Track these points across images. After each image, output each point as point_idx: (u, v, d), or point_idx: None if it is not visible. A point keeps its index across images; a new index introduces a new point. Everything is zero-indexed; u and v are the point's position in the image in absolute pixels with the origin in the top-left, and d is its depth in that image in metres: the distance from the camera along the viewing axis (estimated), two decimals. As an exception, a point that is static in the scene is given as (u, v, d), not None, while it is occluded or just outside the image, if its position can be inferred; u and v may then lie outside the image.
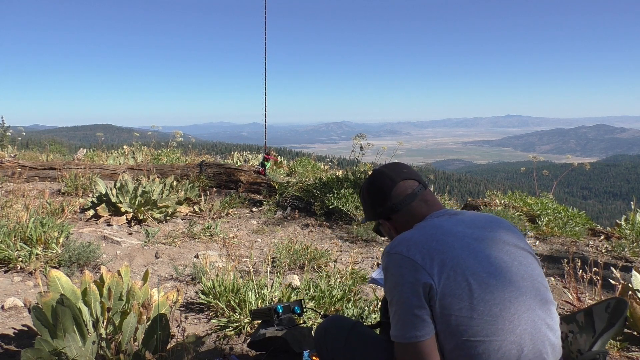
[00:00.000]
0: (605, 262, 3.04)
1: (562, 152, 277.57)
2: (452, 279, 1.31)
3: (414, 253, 1.35)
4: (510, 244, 1.44)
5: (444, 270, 1.31)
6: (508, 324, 1.28)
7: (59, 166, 6.92)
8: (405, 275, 1.34)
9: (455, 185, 66.99)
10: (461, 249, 1.36)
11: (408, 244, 1.39)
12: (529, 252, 1.47)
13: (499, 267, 1.36)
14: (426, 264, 1.32)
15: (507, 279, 1.34)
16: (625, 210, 5.83)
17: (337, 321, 1.80)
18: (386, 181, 1.57)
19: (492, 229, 1.47)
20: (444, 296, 1.30)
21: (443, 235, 1.39)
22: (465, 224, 1.46)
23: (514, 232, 1.50)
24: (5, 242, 3.45)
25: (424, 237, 1.39)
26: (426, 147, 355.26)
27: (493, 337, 1.27)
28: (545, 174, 8.63)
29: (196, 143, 12.81)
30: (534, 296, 1.35)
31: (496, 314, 1.29)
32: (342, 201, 5.51)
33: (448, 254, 1.34)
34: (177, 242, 4.44)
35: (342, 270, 3.43)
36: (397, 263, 1.37)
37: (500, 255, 1.39)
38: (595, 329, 1.49)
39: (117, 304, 2.12)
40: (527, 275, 1.38)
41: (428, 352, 1.30)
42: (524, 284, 1.35)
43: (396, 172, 1.59)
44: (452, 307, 1.29)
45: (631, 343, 2.59)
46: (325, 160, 10.57)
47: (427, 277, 1.31)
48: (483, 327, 1.28)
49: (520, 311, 1.31)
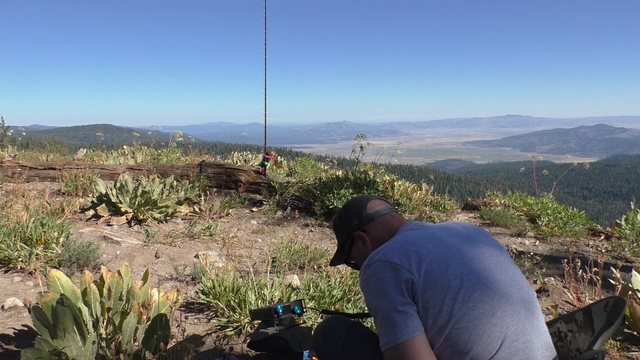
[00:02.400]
0: (605, 262, 3.04)
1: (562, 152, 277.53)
2: (430, 272, 1.37)
3: (392, 256, 1.42)
4: (487, 246, 1.52)
5: (422, 265, 1.38)
6: (488, 307, 1.33)
7: (59, 166, 6.93)
8: (386, 278, 1.39)
9: (455, 185, 66.99)
10: (435, 246, 1.44)
11: (385, 251, 1.46)
12: (506, 255, 1.55)
13: (474, 259, 1.43)
14: (404, 262, 1.39)
15: (482, 268, 1.41)
16: (625, 210, 5.83)
17: (336, 321, 1.80)
18: (361, 200, 1.78)
19: (470, 232, 1.57)
20: (425, 289, 1.35)
21: (416, 239, 1.49)
22: (438, 229, 1.57)
23: (491, 239, 1.60)
24: (5, 242, 3.45)
25: (397, 243, 1.48)
26: (426, 147, 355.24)
27: (476, 322, 1.31)
28: (545, 174, 8.64)
29: (196, 143, 12.82)
30: (509, 282, 1.42)
31: (476, 298, 1.33)
32: (342, 201, 5.51)
33: (423, 250, 1.42)
34: (177, 242, 4.44)
35: (342, 270, 3.43)
36: (377, 270, 1.42)
37: (472, 249, 1.48)
38: (594, 328, 1.49)
39: (117, 304, 2.13)
40: (501, 268, 1.45)
41: (419, 349, 1.30)
42: (498, 272, 1.43)
43: (369, 195, 1.81)
44: (435, 298, 1.34)
45: (631, 343, 2.59)
46: (325, 160, 10.57)
47: (408, 273, 1.37)
48: (465, 313, 1.31)
49: (498, 295, 1.36)
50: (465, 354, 1.30)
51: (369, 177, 6.39)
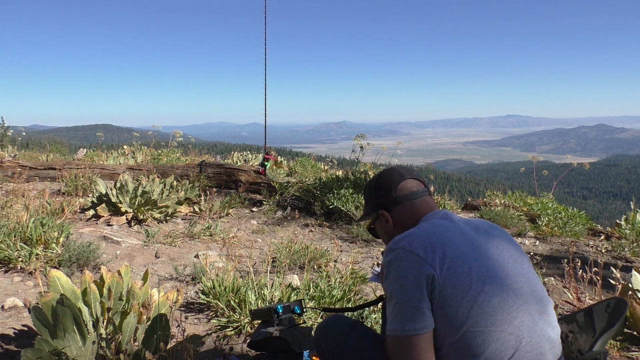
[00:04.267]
0: (605, 262, 3.04)
1: (562, 152, 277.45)
2: (452, 269, 1.35)
3: (416, 247, 1.39)
4: (506, 244, 1.51)
5: (445, 261, 1.36)
6: (507, 315, 1.32)
7: (59, 166, 6.92)
8: (407, 269, 1.36)
9: (455, 185, 66.97)
10: (461, 243, 1.42)
11: (410, 239, 1.42)
12: (522, 253, 1.54)
13: (498, 262, 1.42)
14: (428, 256, 1.36)
15: (505, 273, 1.39)
16: (625, 210, 5.83)
17: (336, 320, 1.80)
18: (396, 175, 1.66)
19: (489, 229, 1.55)
20: (444, 287, 1.33)
21: (444, 231, 1.45)
22: (465, 223, 1.54)
23: (507, 235, 1.59)
24: (5, 242, 3.45)
25: (424, 233, 1.44)
26: (426, 147, 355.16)
27: (492, 328, 1.30)
28: (545, 174, 8.63)
29: (196, 143, 12.82)
30: (530, 292, 1.40)
31: (495, 305, 1.32)
32: (342, 201, 5.51)
33: (449, 246, 1.39)
34: (177, 242, 4.44)
35: (342, 270, 3.43)
36: (399, 257, 1.40)
37: (498, 252, 1.45)
38: (595, 329, 1.49)
39: (117, 304, 2.12)
40: (523, 273, 1.44)
41: (423, 348, 1.31)
42: (521, 280, 1.41)
43: (407, 170, 1.69)
44: (453, 297, 1.32)
45: (631, 343, 2.59)
46: (325, 160, 10.57)
47: (430, 268, 1.34)
48: (482, 318, 1.30)
49: (517, 304, 1.34)
50: (477, 356, 1.30)
51: (369, 177, 6.39)
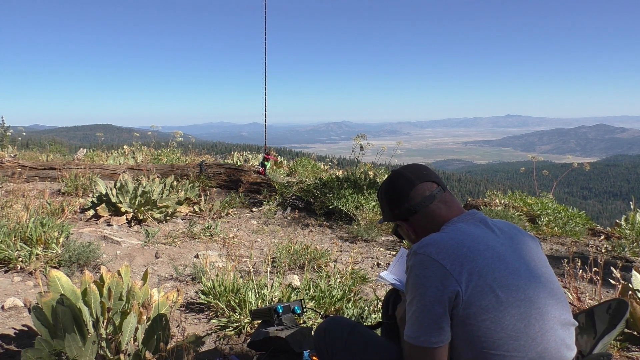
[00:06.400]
0: (605, 262, 3.04)
1: (562, 152, 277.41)
2: (479, 288, 1.28)
3: (443, 257, 1.31)
4: (536, 256, 1.43)
5: (472, 278, 1.28)
6: (531, 341, 1.27)
7: (59, 166, 6.92)
8: (431, 279, 1.30)
9: (455, 185, 66.97)
10: (492, 258, 1.33)
11: (438, 247, 1.34)
12: (547, 262, 1.46)
13: (529, 280, 1.33)
14: (455, 270, 1.29)
15: (535, 295, 1.32)
16: (625, 210, 5.83)
17: (336, 321, 1.80)
18: (404, 183, 1.54)
19: (520, 239, 1.46)
20: (469, 305, 1.27)
21: (474, 243, 1.36)
22: (494, 232, 1.43)
23: (535, 242, 1.50)
24: (5, 242, 3.45)
25: (454, 243, 1.35)
26: (426, 147, 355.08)
27: (514, 353, 1.26)
28: (545, 174, 8.63)
29: (196, 143, 12.81)
30: (558, 315, 1.34)
31: (520, 329, 1.27)
32: (342, 201, 5.51)
33: (478, 262, 1.31)
34: (177, 242, 4.44)
35: (342, 270, 3.43)
36: (424, 264, 1.33)
37: (529, 268, 1.37)
38: (596, 330, 1.48)
39: (117, 304, 2.12)
40: (553, 294, 1.36)
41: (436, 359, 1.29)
42: (551, 302, 1.34)
43: (415, 173, 1.56)
44: (477, 317, 1.27)
45: (631, 343, 2.59)
46: (325, 160, 10.58)
47: (455, 284, 1.28)
48: (505, 342, 1.26)
49: (544, 329, 1.29)
50: None
51: (369, 177, 6.39)
